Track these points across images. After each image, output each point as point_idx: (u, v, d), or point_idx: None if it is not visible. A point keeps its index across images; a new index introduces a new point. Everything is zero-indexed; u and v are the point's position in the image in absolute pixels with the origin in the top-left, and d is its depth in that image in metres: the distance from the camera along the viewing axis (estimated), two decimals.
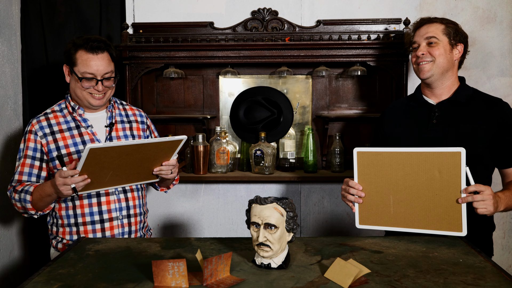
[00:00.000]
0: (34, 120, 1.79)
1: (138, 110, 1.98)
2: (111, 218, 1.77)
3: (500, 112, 1.67)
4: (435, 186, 1.43)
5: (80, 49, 1.73)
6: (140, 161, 1.60)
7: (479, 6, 2.47)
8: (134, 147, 1.52)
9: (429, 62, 1.69)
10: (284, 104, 2.53)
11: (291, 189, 2.65)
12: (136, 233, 1.85)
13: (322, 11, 2.51)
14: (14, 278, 2.40)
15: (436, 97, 1.74)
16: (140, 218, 1.87)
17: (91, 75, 1.73)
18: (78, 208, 1.75)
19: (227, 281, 1.17)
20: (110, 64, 1.77)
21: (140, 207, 1.87)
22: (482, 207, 1.43)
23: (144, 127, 1.94)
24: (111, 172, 1.57)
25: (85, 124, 1.80)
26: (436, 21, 1.72)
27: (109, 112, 1.86)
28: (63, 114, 1.81)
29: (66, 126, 1.79)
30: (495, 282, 1.16)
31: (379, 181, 1.49)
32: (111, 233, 1.77)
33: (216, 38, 2.46)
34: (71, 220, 1.76)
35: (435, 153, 1.42)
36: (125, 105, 1.96)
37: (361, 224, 1.54)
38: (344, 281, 1.14)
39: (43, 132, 1.76)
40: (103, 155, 1.48)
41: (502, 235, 2.54)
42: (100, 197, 1.76)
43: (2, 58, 2.32)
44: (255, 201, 1.25)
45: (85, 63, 1.72)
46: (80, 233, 1.76)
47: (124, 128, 1.87)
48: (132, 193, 1.83)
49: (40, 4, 2.49)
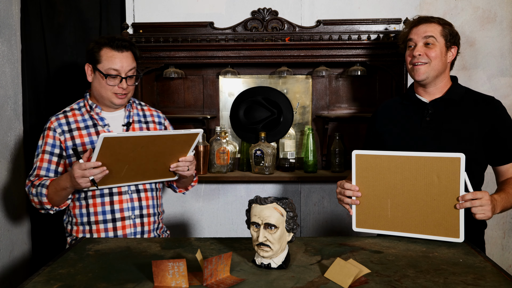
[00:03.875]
0: (53, 117, 1.82)
1: (156, 111, 2.00)
2: (123, 218, 1.77)
3: (493, 109, 1.68)
4: (433, 191, 1.42)
5: (105, 47, 1.77)
6: (156, 155, 1.58)
7: (479, 6, 2.47)
8: (149, 138, 1.51)
9: (424, 64, 1.69)
10: (284, 104, 2.53)
11: (291, 189, 2.65)
12: (150, 234, 1.83)
13: (322, 11, 2.52)
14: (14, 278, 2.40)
15: (429, 96, 1.75)
16: (154, 219, 1.85)
17: (115, 71, 1.75)
18: (91, 207, 1.76)
19: (227, 281, 1.17)
20: (133, 62, 1.81)
21: (154, 208, 1.85)
22: (480, 213, 1.43)
23: (161, 127, 1.95)
24: (127, 166, 1.56)
25: (102, 123, 1.81)
26: (433, 21, 1.72)
27: (127, 111, 1.87)
28: (81, 113, 1.84)
29: (83, 124, 1.81)
30: (495, 282, 1.16)
31: (377, 184, 1.49)
32: (123, 232, 1.77)
33: (216, 38, 2.46)
34: (84, 218, 1.78)
35: (434, 158, 1.41)
36: (144, 106, 1.98)
37: (358, 227, 1.54)
38: (344, 281, 1.14)
39: (62, 130, 1.79)
40: (117, 145, 1.47)
41: (502, 235, 2.54)
42: (113, 196, 1.77)
43: (2, 58, 2.32)
44: (255, 201, 1.25)
45: (110, 59, 1.75)
46: (93, 231, 1.77)
47: (141, 128, 1.88)
48: (145, 193, 1.83)
49: (40, 4, 2.49)
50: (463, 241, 1.41)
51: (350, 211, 1.55)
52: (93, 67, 1.79)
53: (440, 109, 1.71)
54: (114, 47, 1.76)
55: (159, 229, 1.91)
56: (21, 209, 2.48)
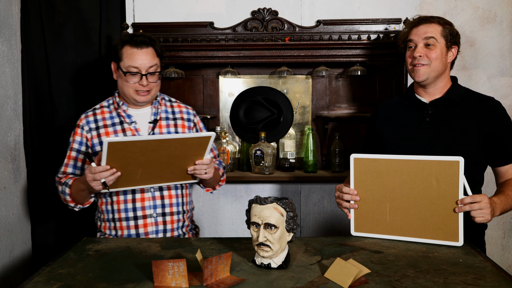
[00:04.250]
0: (83, 115, 1.84)
1: (186, 108, 1.95)
2: (144, 216, 1.77)
3: (493, 110, 1.68)
4: (432, 194, 1.42)
5: (126, 45, 1.76)
6: (169, 159, 1.56)
7: (479, 6, 2.47)
8: (157, 142, 1.49)
9: (424, 65, 1.69)
10: (284, 104, 2.53)
11: (291, 189, 2.65)
12: (172, 232, 1.81)
13: (322, 11, 2.52)
14: (14, 278, 2.40)
15: (429, 96, 1.75)
16: (178, 217, 1.82)
17: (135, 69, 1.74)
18: (115, 204, 1.77)
19: (227, 281, 1.17)
20: (154, 58, 1.78)
21: (178, 206, 1.82)
22: (479, 216, 1.42)
23: (190, 124, 1.90)
24: (140, 169, 1.55)
25: (129, 120, 1.81)
26: (434, 21, 1.72)
27: (154, 108, 1.85)
28: (109, 110, 1.84)
29: (110, 122, 1.81)
30: (495, 282, 1.16)
31: (376, 188, 1.49)
32: (145, 230, 1.76)
33: (216, 38, 2.46)
34: (109, 215, 1.79)
35: (433, 162, 1.41)
36: (173, 102, 1.94)
37: (356, 231, 1.53)
38: (344, 281, 1.15)
39: (89, 127, 1.80)
40: (125, 149, 1.46)
41: (502, 235, 2.54)
42: (135, 194, 1.77)
43: (2, 58, 2.32)
44: (255, 201, 1.25)
45: (130, 57, 1.74)
46: (117, 228, 1.78)
47: (168, 125, 1.85)
48: (169, 191, 1.80)
49: (40, 4, 2.49)
50: (462, 244, 1.41)
51: (349, 215, 1.54)
52: (117, 65, 1.79)
53: (440, 109, 1.71)
54: (133, 44, 1.75)
55: (185, 227, 1.87)
56: (21, 209, 2.48)
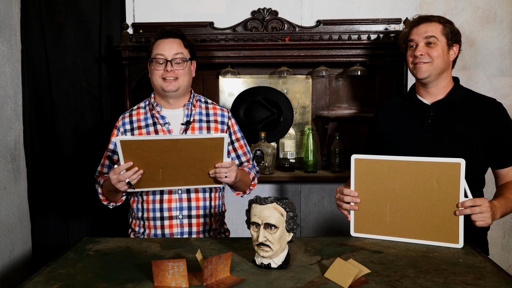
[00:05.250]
0: (121, 116, 1.86)
1: (222, 110, 1.91)
2: (170, 217, 1.77)
3: (495, 112, 1.67)
4: (433, 196, 1.41)
5: (157, 40, 1.80)
6: (186, 160, 1.55)
7: (479, 6, 2.47)
8: (168, 142, 1.50)
9: (426, 63, 1.68)
10: (284, 104, 2.53)
11: (291, 189, 2.65)
12: (198, 235, 1.80)
13: (322, 11, 2.52)
14: (14, 278, 2.40)
15: (431, 97, 1.74)
16: (204, 220, 1.81)
17: (161, 55, 1.76)
18: (145, 203, 1.79)
19: (227, 281, 1.17)
20: (180, 47, 1.79)
21: (205, 209, 1.80)
22: (480, 220, 1.42)
23: (223, 127, 1.87)
24: (160, 170, 1.56)
25: (163, 121, 1.81)
26: (434, 20, 1.71)
27: (187, 110, 1.84)
28: (145, 111, 1.86)
29: (144, 123, 1.82)
30: (495, 282, 1.16)
31: (376, 189, 1.48)
32: (170, 231, 1.77)
33: (216, 38, 2.46)
34: (139, 213, 1.81)
35: (434, 163, 1.40)
36: (209, 104, 1.91)
37: (356, 232, 1.53)
38: (344, 281, 1.14)
39: (124, 128, 1.83)
40: (139, 148, 1.49)
41: (502, 235, 2.54)
42: (163, 194, 1.77)
43: (2, 58, 2.32)
44: (255, 201, 1.25)
45: (157, 46, 1.78)
46: (146, 227, 1.80)
47: (201, 127, 1.83)
48: (196, 193, 1.79)
49: (40, 4, 2.49)
50: (462, 246, 1.40)
51: (349, 217, 1.54)
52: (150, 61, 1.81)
53: (441, 111, 1.70)
54: (162, 36, 1.79)
55: (212, 231, 1.84)
56: (21, 209, 2.48)
